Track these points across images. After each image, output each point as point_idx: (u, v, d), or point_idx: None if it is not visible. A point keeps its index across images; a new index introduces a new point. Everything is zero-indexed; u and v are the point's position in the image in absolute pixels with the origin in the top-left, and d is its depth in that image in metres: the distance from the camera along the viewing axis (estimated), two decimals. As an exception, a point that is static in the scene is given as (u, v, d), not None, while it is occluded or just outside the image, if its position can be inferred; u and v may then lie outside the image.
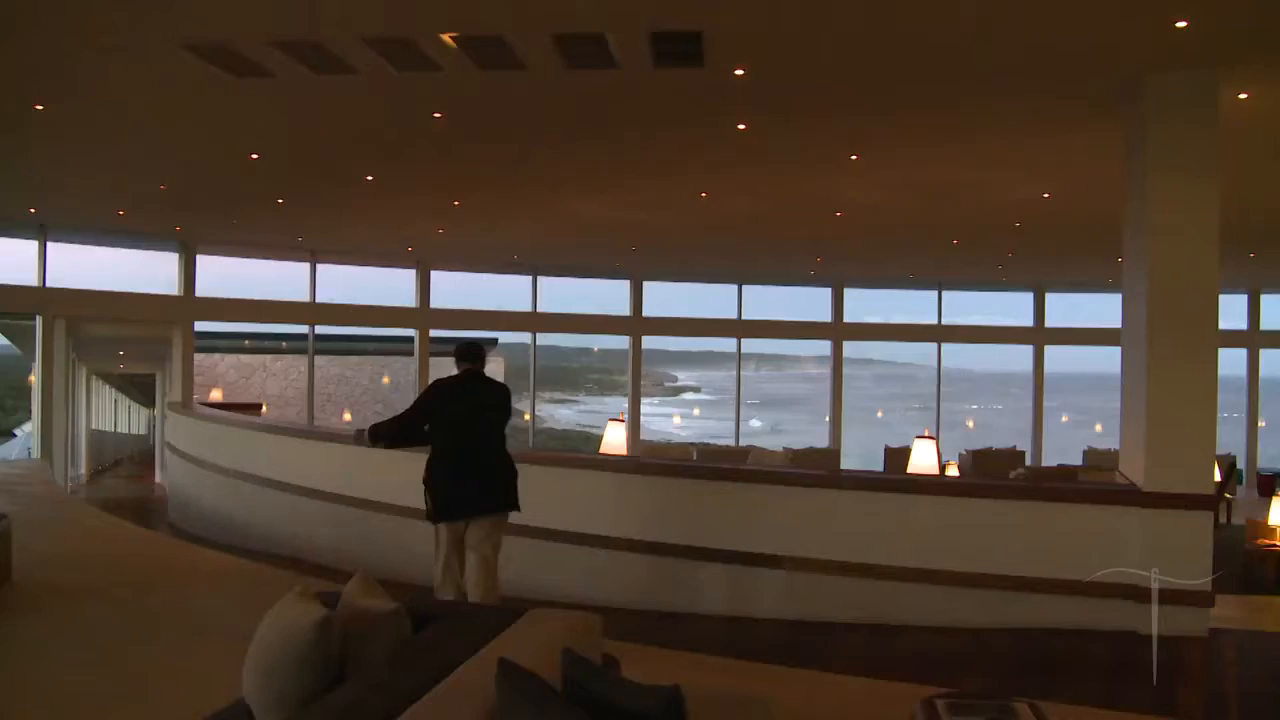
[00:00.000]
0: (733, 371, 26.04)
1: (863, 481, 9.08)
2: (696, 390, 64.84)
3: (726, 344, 26.13)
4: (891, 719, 4.59)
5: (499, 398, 7.34)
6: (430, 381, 7.47)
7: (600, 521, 9.24)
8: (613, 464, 9.88)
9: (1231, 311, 25.07)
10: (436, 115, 9.65)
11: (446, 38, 7.42)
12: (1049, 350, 25.23)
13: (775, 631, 8.08)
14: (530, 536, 9.02)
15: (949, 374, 27.02)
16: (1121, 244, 9.00)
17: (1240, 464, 24.45)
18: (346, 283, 22.54)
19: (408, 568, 8.99)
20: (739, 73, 8.10)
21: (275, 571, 9.45)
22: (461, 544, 7.16)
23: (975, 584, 8.07)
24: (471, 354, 7.32)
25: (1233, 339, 25.01)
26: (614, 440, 12.01)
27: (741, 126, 9.81)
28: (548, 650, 3.58)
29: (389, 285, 22.89)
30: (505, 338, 30.01)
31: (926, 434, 10.81)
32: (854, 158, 11.20)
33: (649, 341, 25.31)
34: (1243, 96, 8.46)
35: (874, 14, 7.02)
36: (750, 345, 26.51)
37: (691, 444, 24.85)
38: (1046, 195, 13.08)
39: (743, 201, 14.43)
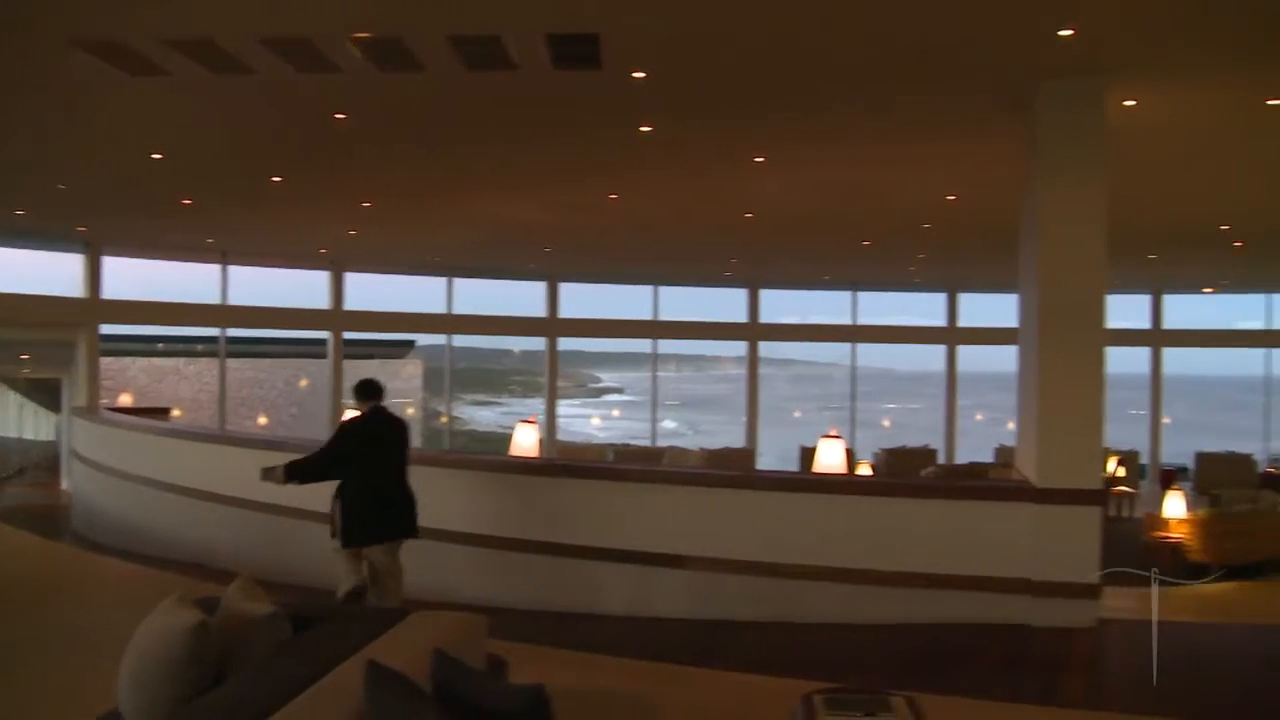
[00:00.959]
0: (661, 373, 26.14)
1: (764, 481, 9.18)
2: (620, 391, 64.81)
3: (648, 345, 26.22)
4: (775, 715, 4.63)
5: (402, 433, 7.97)
6: (342, 423, 8.09)
7: (504, 523, 9.22)
8: (518, 466, 9.86)
9: (1136, 311, 25.71)
10: (339, 116, 9.56)
11: (347, 38, 7.37)
12: (963, 350, 25.62)
13: (678, 631, 8.12)
14: (435, 539, 8.99)
15: (868, 374, 27.35)
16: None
17: (1145, 459, 25.08)
18: (261, 285, 22.29)
19: (310, 570, 8.94)
20: (639, 75, 8.12)
21: (176, 578, 9.31)
22: (369, 565, 7.75)
23: (877, 581, 8.18)
24: (374, 392, 7.90)
25: (1137, 338, 25.64)
26: (525, 442, 11.96)
27: (646, 128, 9.83)
28: (424, 652, 3.58)
29: (305, 287, 22.67)
30: (423, 340, 29.87)
31: (833, 434, 10.88)
32: (759, 159, 11.27)
33: (573, 343, 25.35)
34: (1130, 103, 8.65)
35: (772, 19, 7.07)
36: (671, 346, 26.62)
37: (610, 445, 24.95)
38: (952, 198, 13.28)
39: (653, 203, 14.47)
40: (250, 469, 8.10)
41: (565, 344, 24.98)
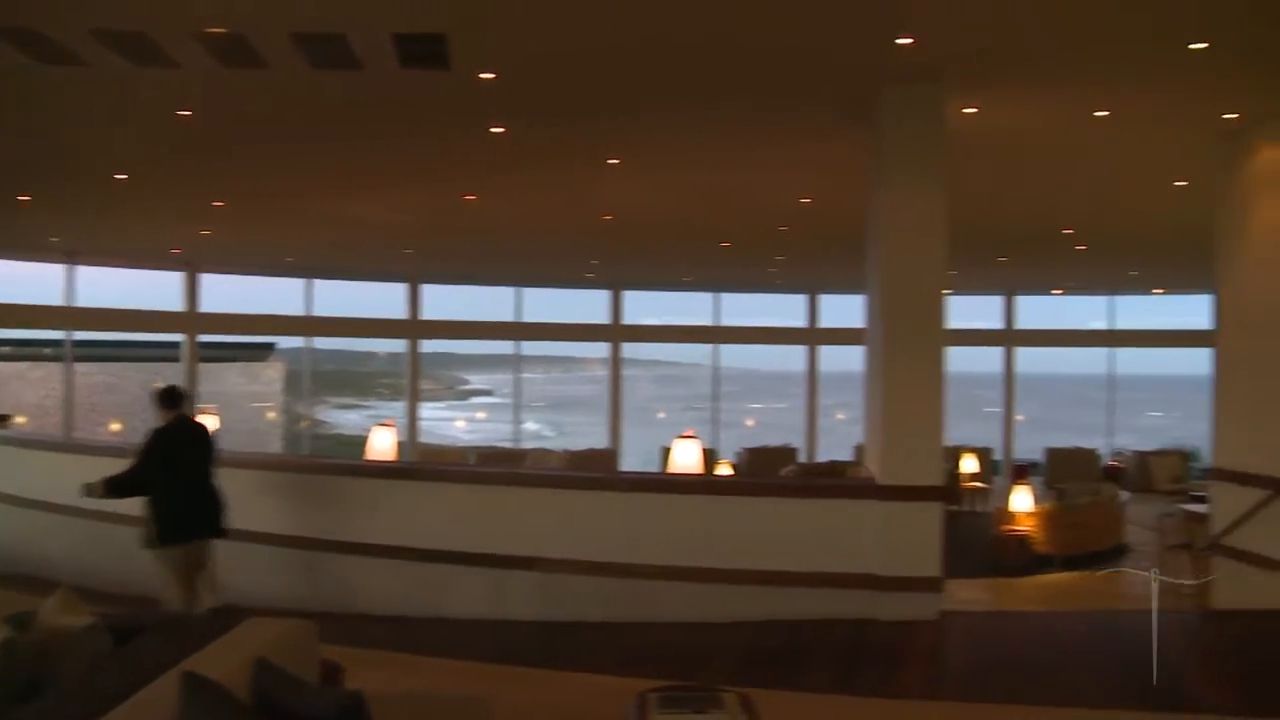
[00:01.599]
0: (526, 374, 26.07)
1: (614, 482, 9.22)
2: (488, 394, 64.40)
3: (520, 347, 26.17)
4: (613, 715, 4.65)
5: (205, 437, 8.31)
6: (153, 432, 8.09)
7: (354, 528, 9.10)
8: (370, 470, 9.74)
9: (989, 312, 26.46)
10: (183, 113, 9.31)
11: (188, 34, 7.18)
12: (825, 350, 26.02)
13: (529, 633, 8.12)
14: (284, 545, 8.86)
15: (733, 374, 27.62)
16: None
17: (999, 455, 25.83)
18: (116, 286, 21.60)
19: (143, 579, 8.70)
20: (488, 76, 8.08)
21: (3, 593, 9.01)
22: (186, 564, 7.93)
23: (727, 579, 8.28)
24: (176, 400, 8.20)
25: (990, 338, 26.40)
26: (381, 445, 11.81)
27: (498, 130, 9.78)
28: (248, 661, 3.52)
29: (159, 288, 22.03)
30: (285, 343, 29.31)
31: (689, 434, 10.96)
32: (614, 161, 11.30)
33: (441, 345, 25.10)
34: (970, 110, 8.90)
35: (617, 24, 7.11)
36: (538, 348, 26.54)
37: (474, 447, 24.80)
38: (806, 200, 13.48)
39: (511, 204, 14.40)
40: (83, 477, 7.90)
41: (433, 346, 24.77)
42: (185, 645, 3.89)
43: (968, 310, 28.66)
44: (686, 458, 10.96)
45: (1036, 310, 27.41)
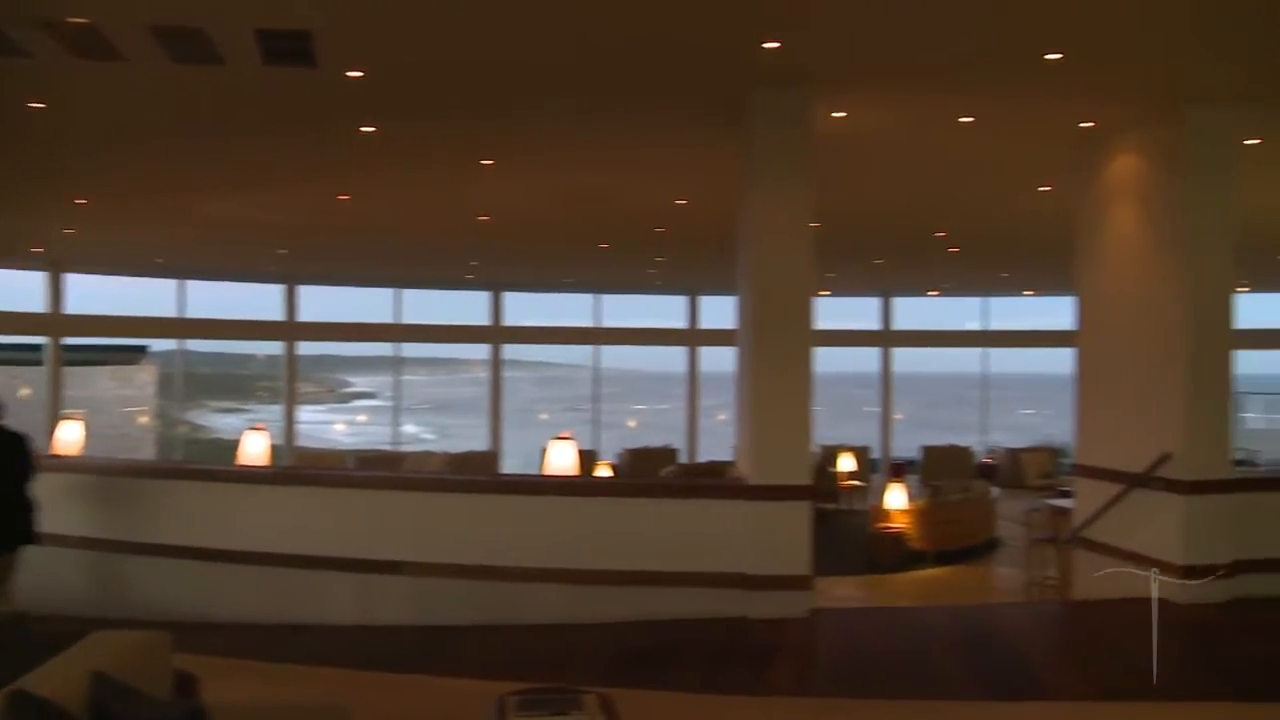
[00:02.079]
0: (407, 376, 25.80)
1: (486, 485, 9.16)
2: (371, 396, 63.57)
3: (404, 349, 25.88)
4: (472, 719, 4.63)
5: (21, 445, 8.03)
6: None
7: (218, 535, 8.90)
8: (231, 475, 9.54)
9: (867, 313, 26.95)
10: (35, 105, 9.00)
11: (36, 23, 6.94)
12: (707, 351, 26.17)
13: (400, 638, 8.02)
14: (143, 554, 8.65)
15: (616, 375, 27.64)
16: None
17: (877, 453, 26.28)
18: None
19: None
20: (355, 74, 7.96)
21: None
22: None
23: (600, 580, 8.29)
24: None
25: (868, 338, 26.88)
26: (254, 450, 11.56)
27: (368, 129, 9.65)
28: (85, 675, 3.42)
29: (22, 288, 21.31)
30: (157, 345, 28.55)
31: (565, 435, 10.94)
32: (487, 162, 11.22)
33: (322, 347, 24.70)
34: (840, 115, 9.03)
35: (487, 24, 7.07)
36: (421, 350, 26.29)
37: (354, 450, 24.46)
38: (682, 202, 13.56)
39: (386, 204, 14.23)
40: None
41: (315, 348, 24.38)
42: (26, 660, 3.76)
43: (846, 311, 29.14)
44: (562, 459, 10.93)
45: (913, 311, 27.97)
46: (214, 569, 8.79)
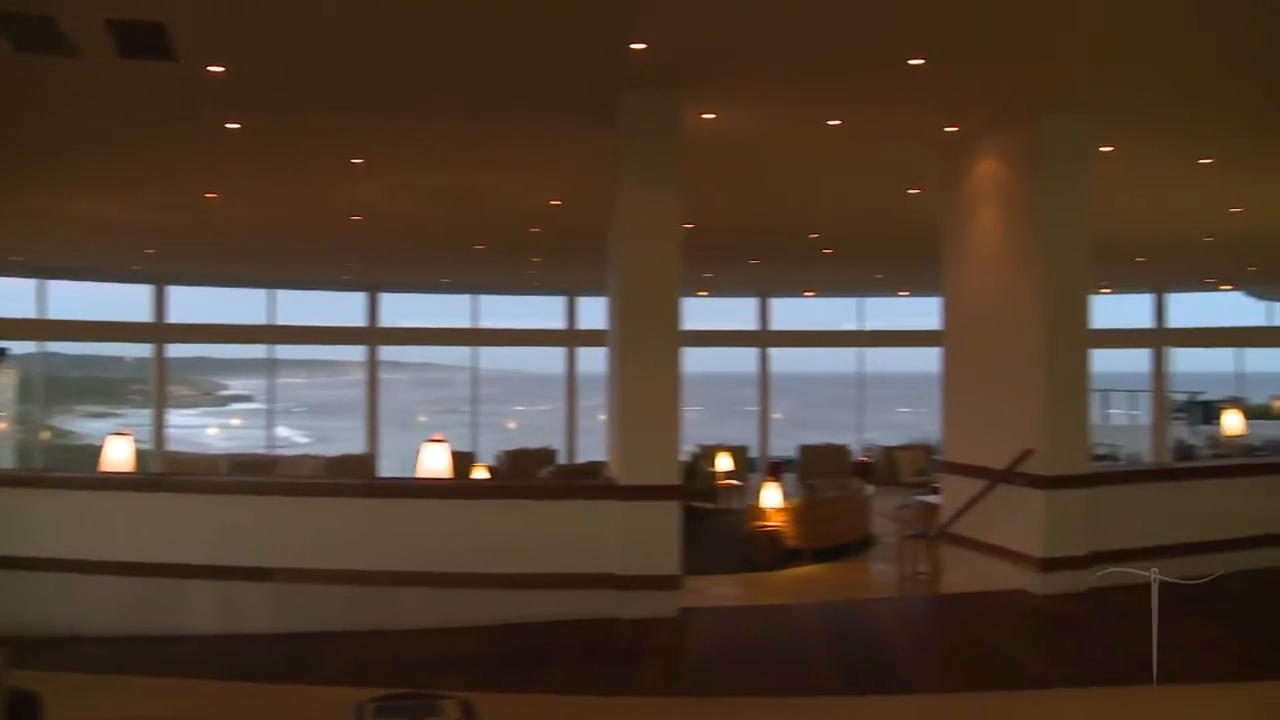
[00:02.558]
0: (286, 379, 25.32)
1: (355, 489, 9.01)
2: (249, 399, 62.33)
3: (280, 351, 25.38)
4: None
5: None
6: None
7: (75, 545, 8.53)
8: (86, 482, 9.24)
9: (745, 313, 27.22)
10: None
11: None
12: (587, 352, 26.14)
13: (264, 647, 7.84)
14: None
15: (496, 376, 27.49)
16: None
17: (755, 453, 26.56)
18: None
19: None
20: (216, 69, 7.77)
21: None
22: None
23: (472, 584, 8.22)
24: None
25: (747, 339, 27.15)
26: (117, 457, 11.22)
27: (233, 125, 9.43)
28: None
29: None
30: (19, 347, 27.58)
31: (438, 438, 10.83)
32: (358, 161, 11.06)
33: (198, 349, 24.08)
34: (708, 116, 9.09)
35: (349, 21, 6.95)
36: (298, 352, 25.85)
37: (227, 455, 23.93)
38: (556, 202, 13.53)
39: (255, 203, 13.90)
40: None
41: (189, 350, 23.73)
42: None
43: (724, 312, 29.39)
44: (435, 462, 10.82)
45: (790, 311, 28.31)
46: (71, 581, 8.44)
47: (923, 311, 25.42)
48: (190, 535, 8.47)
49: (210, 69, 7.76)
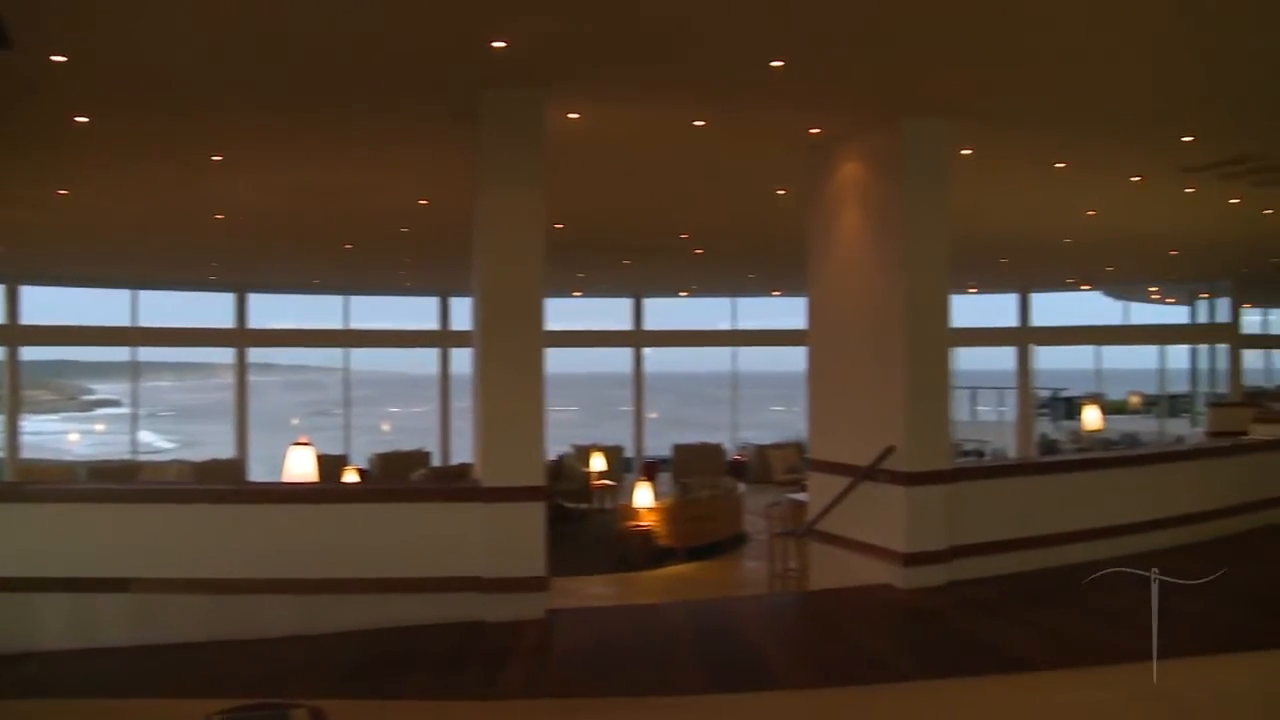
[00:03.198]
0: (155, 382, 24.67)
1: (219, 495, 8.78)
2: (115, 404, 60.60)
3: (146, 354, 24.66)
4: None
5: None
6: None
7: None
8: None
9: (619, 314, 27.30)
10: None
11: None
12: (458, 353, 25.97)
13: (121, 660, 7.56)
14: None
15: (370, 378, 27.18)
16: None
17: (630, 453, 26.68)
18: None
19: None
20: (59, 59, 7.45)
21: None
22: None
23: (334, 589, 8.07)
24: None
25: (620, 338, 27.25)
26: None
27: (81, 119, 9.11)
28: None
29: None
30: None
31: (303, 441, 10.64)
32: (217, 158, 10.79)
33: (57, 352, 23.24)
34: (573, 116, 9.07)
35: (197, 13, 6.76)
36: (166, 354, 25.18)
37: (87, 462, 23.23)
38: (424, 202, 13.39)
39: (112, 201, 13.43)
40: None
41: (54, 353, 22.92)
42: None
43: (597, 312, 29.44)
44: (301, 465, 10.64)
45: (665, 311, 28.52)
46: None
47: (795, 311, 25.81)
48: (41, 546, 8.14)
49: (53, 58, 7.44)
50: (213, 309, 24.56)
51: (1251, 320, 30.03)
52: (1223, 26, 7.28)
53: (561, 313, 28.29)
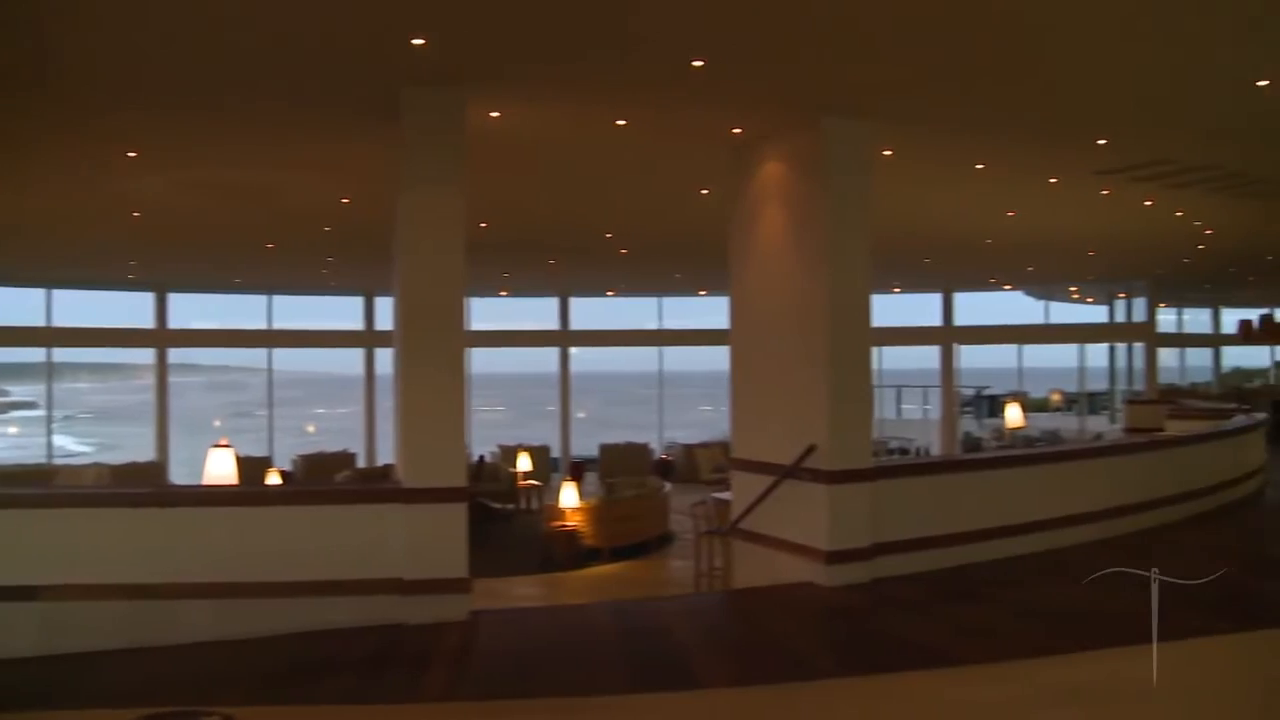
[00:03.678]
0: (73, 384, 24.19)
1: (134, 498, 8.59)
2: (33, 406, 59.29)
3: (63, 355, 24.16)
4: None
5: None
6: None
7: None
8: None
9: (546, 313, 27.27)
10: None
11: None
12: (383, 353, 25.75)
13: (30, 671, 7.34)
14: None
15: (296, 379, 26.90)
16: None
17: (557, 453, 26.65)
18: None
19: None
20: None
21: None
22: None
23: (252, 594, 7.92)
24: None
25: (546, 338, 27.21)
26: None
27: (-13, 114, 8.90)
28: None
29: None
30: None
31: (223, 443, 10.49)
32: (132, 154, 10.58)
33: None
34: (495, 115, 9.03)
35: (99, 4, 6.63)
36: (88, 355, 24.69)
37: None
38: (345, 200, 13.26)
39: (20, 198, 13.14)
40: None
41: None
42: None
43: (526, 312, 29.38)
44: (221, 468, 10.49)
45: (592, 311, 28.54)
46: None
47: (722, 310, 25.92)
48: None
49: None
50: (132, 308, 24.18)
51: (1167, 319, 30.77)
52: (1135, 38, 7.45)
53: (488, 312, 28.20)
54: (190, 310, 25.51)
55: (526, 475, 21.30)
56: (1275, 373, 37.08)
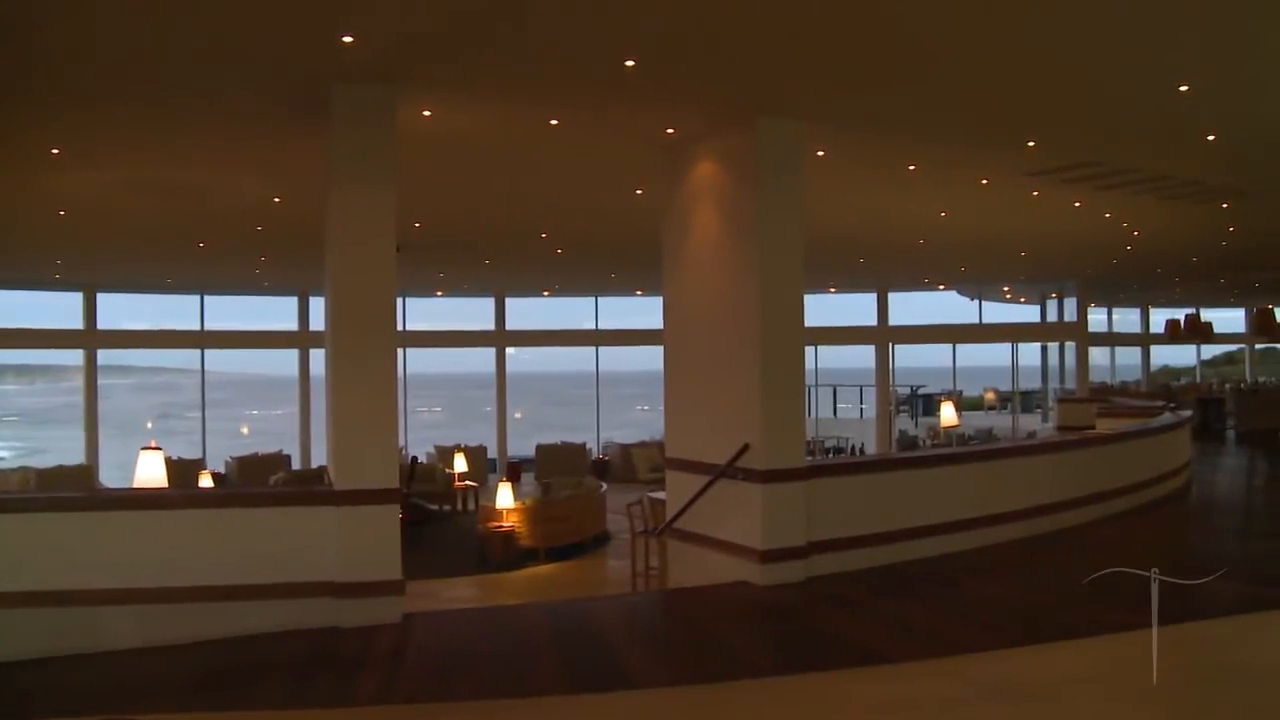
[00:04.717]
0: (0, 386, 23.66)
1: (56, 503, 8.43)
2: (-43, 409, 58.13)
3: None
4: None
5: None
6: None
7: None
8: None
9: (482, 313, 27.14)
10: None
11: None
12: (318, 354, 25.48)
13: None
14: None
15: (229, 380, 26.57)
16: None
17: (494, 453, 26.54)
18: None
19: None
20: None
21: None
22: None
23: (180, 598, 7.78)
24: None
25: (482, 339, 27.12)
26: None
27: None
28: None
29: None
30: None
31: (153, 445, 10.32)
32: (55, 151, 10.38)
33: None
34: (427, 114, 8.96)
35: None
36: (12, 357, 24.20)
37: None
38: (277, 199, 13.11)
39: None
40: None
41: None
42: None
43: (459, 311, 29.26)
44: (150, 470, 10.34)
45: (529, 311, 28.46)
46: None
47: (658, 310, 26.06)
48: None
49: None
50: (59, 309, 23.75)
51: (1097, 319, 31.25)
52: (1062, 42, 7.55)
53: (423, 312, 28.05)
54: (120, 311, 25.14)
55: (463, 476, 21.18)
56: (1201, 371, 37.86)
